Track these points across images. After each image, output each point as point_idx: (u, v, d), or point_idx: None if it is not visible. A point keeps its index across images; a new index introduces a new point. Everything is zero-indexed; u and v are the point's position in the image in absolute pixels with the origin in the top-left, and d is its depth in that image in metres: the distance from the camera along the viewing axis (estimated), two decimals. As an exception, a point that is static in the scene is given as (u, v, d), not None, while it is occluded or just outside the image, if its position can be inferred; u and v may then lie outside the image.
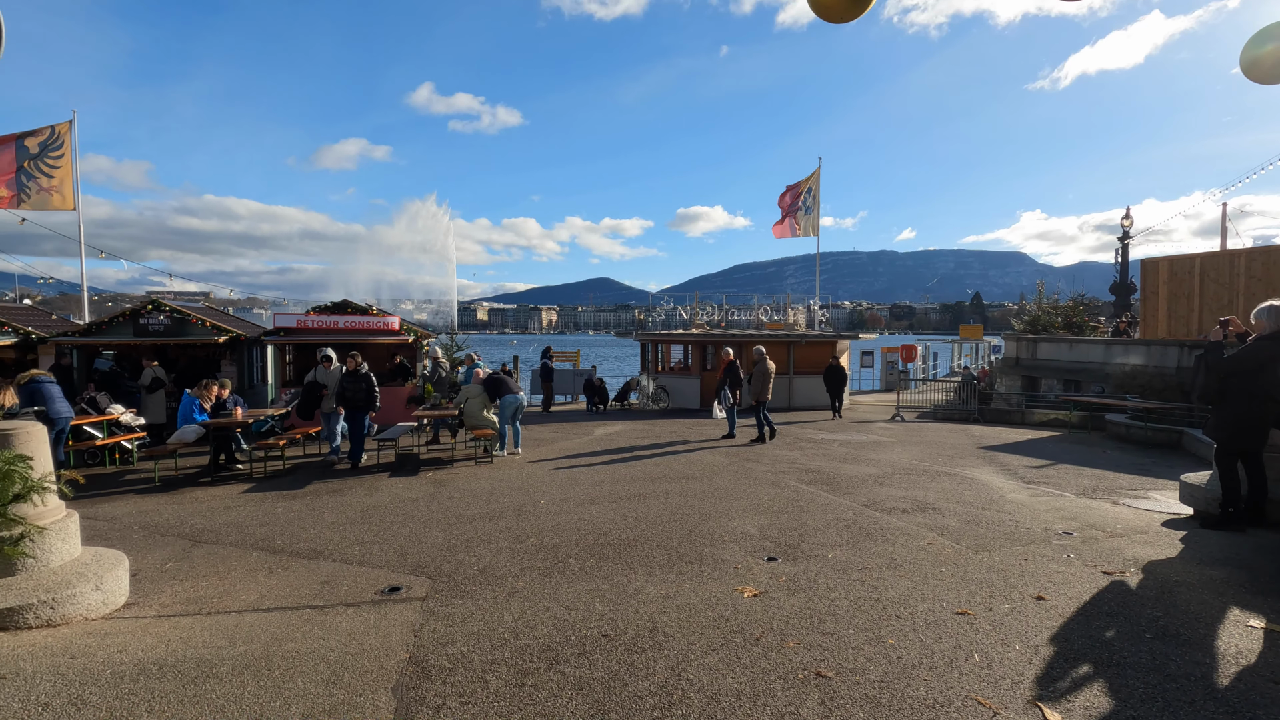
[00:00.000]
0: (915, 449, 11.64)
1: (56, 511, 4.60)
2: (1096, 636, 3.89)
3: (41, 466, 4.29)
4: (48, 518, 4.42)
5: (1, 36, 3.98)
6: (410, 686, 3.36)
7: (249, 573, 5.36)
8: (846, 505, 7.38)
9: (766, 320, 22.47)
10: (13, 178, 17.13)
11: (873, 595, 4.58)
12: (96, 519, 7.11)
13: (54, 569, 4.47)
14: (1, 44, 3.99)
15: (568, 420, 16.88)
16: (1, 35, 3.97)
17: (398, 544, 6.07)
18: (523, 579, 5.04)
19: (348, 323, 15.06)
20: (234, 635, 4.04)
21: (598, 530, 6.39)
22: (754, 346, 13.93)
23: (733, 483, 8.67)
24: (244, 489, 8.72)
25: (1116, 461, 10.48)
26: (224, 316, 17.57)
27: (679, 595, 4.62)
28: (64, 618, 4.18)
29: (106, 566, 4.62)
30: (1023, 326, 25.68)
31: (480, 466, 10.14)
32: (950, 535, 6.15)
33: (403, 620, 4.26)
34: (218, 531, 6.63)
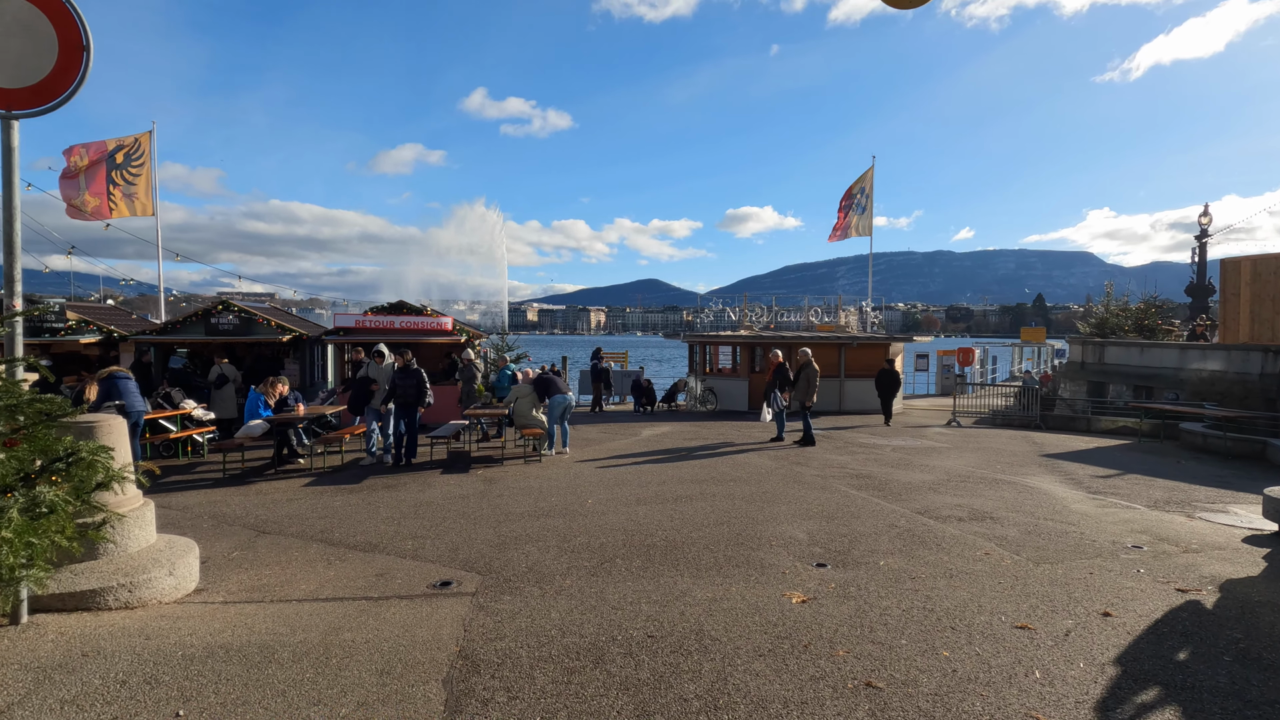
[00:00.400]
0: (972, 455, 11.27)
1: (134, 500, 4.88)
2: (1169, 657, 3.69)
3: (121, 457, 4.56)
4: (126, 505, 4.69)
5: (90, 53, 4.24)
6: (460, 679, 3.43)
7: (309, 563, 5.56)
8: (899, 512, 7.19)
9: (817, 322, 22.10)
10: (104, 188, 18.24)
11: (926, 605, 4.45)
12: (169, 508, 7.50)
13: (131, 554, 4.73)
14: (90, 61, 4.25)
15: (615, 421, 16.96)
16: (90, 52, 4.23)
17: (449, 539, 6.20)
18: (570, 578, 5.08)
19: (403, 323, 15.49)
20: (294, 623, 4.20)
21: (644, 531, 6.40)
22: (800, 348, 13.72)
23: (781, 486, 8.56)
24: (304, 483, 9.06)
25: (1192, 473, 9.92)
26: (288, 316, 18.31)
27: (726, 599, 4.59)
28: (140, 601, 4.42)
29: (179, 553, 4.87)
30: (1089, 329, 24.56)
31: (529, 465, 10.28)
32: (1009, 546, 5.93)
33: (453, 614, 4.35)
34: (280, 523, 6.90)
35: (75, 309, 15.11)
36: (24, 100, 4.17)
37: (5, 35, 4.08)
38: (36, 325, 13.03)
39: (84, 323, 14.28)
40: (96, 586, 4.28)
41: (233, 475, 9.57)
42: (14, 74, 4.15)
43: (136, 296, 34.51)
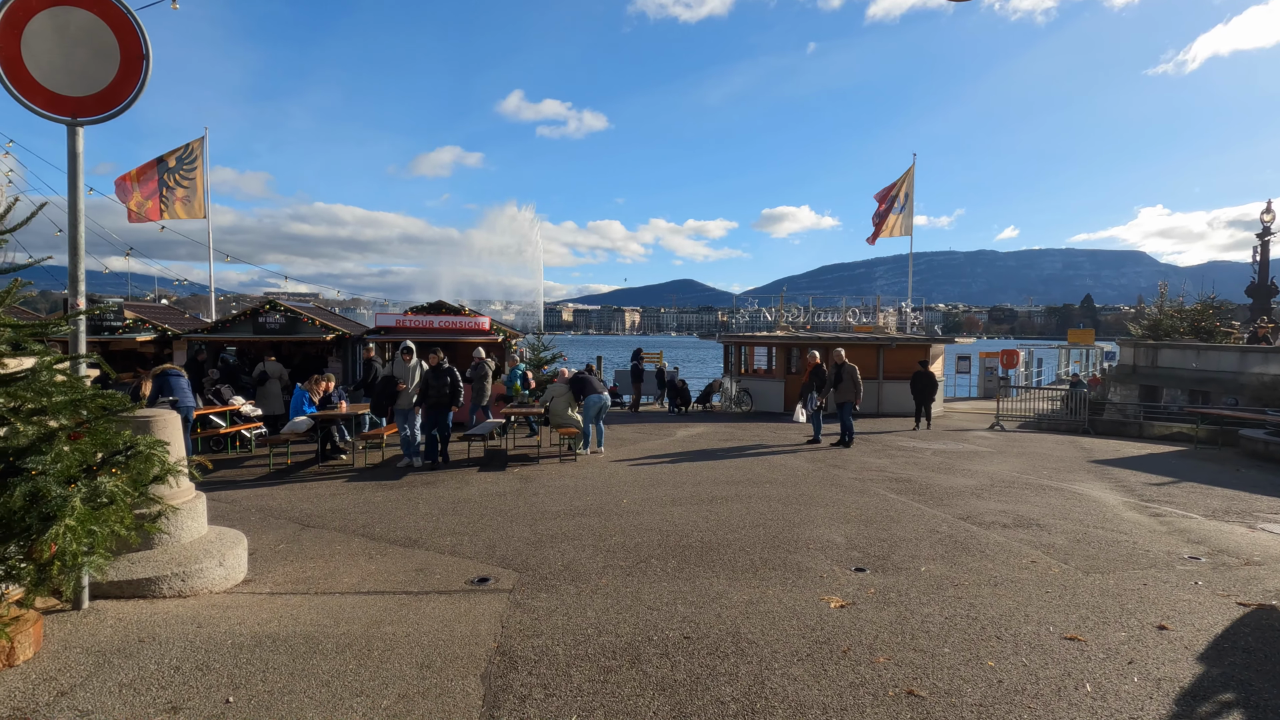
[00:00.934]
0: (1017, 460, 10.96)
1: (187, 493, 5.06)
2: (1230, 674, 3.53)
3: (176, 451, 4.73)
4: (180, 498, 4.86)
5: (149, 62, 4.40)
6: (498, 675, 3.47)
7: (351, 557, 5.69)
8: (940, 517, 7.03)
9: (855, 323, 21.76)
10: (156, 194, 18.98)
11: (970, 613, 4.34)
12: (219, 501, 7.74)
13: (184, 545, 4.91)
14: (149, 70, 4.42)
15: (650, 421, 16.96)
16: (149, 61, 4.40)
17: (486, 536, 6.28)
18: (605, 577, 5.10)
19: (442, 322, 15.74)
20: (338, 615, 4.30)
21: (679, 532, 6.38)
22: (835, 349, 13.53)
23: (818, 489, 8.44)
24: (346, 478, 9.28)
25: (1253, 481, 9.48)
26: (331, 316, 18.77)
27: (762, 602, 4.54)
28: (192, 590, 4.58)
29: (228, 545, 5.03)
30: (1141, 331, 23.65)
31: (564, 464, 10.34)
32: (1057, 554, 5.74)
33: (491, 610, 4.40)
34: (324, 517, 7.08)
35: (132, 308, 15.74)
36: (88, 108, 4.36)
37: (71, 46, 4.27)
38: (97, 324, 13.62)
39: (140, 321, 14.87)
40: (152, 575, 4.45)
41: (279, 470, 9.85)
42: (79, 83, 4.34)
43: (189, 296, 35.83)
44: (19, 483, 3.14)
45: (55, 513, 3.10)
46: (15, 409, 3.40)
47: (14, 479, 3.19)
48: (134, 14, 4.37)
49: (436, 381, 10.07)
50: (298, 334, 15.11)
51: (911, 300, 23.83)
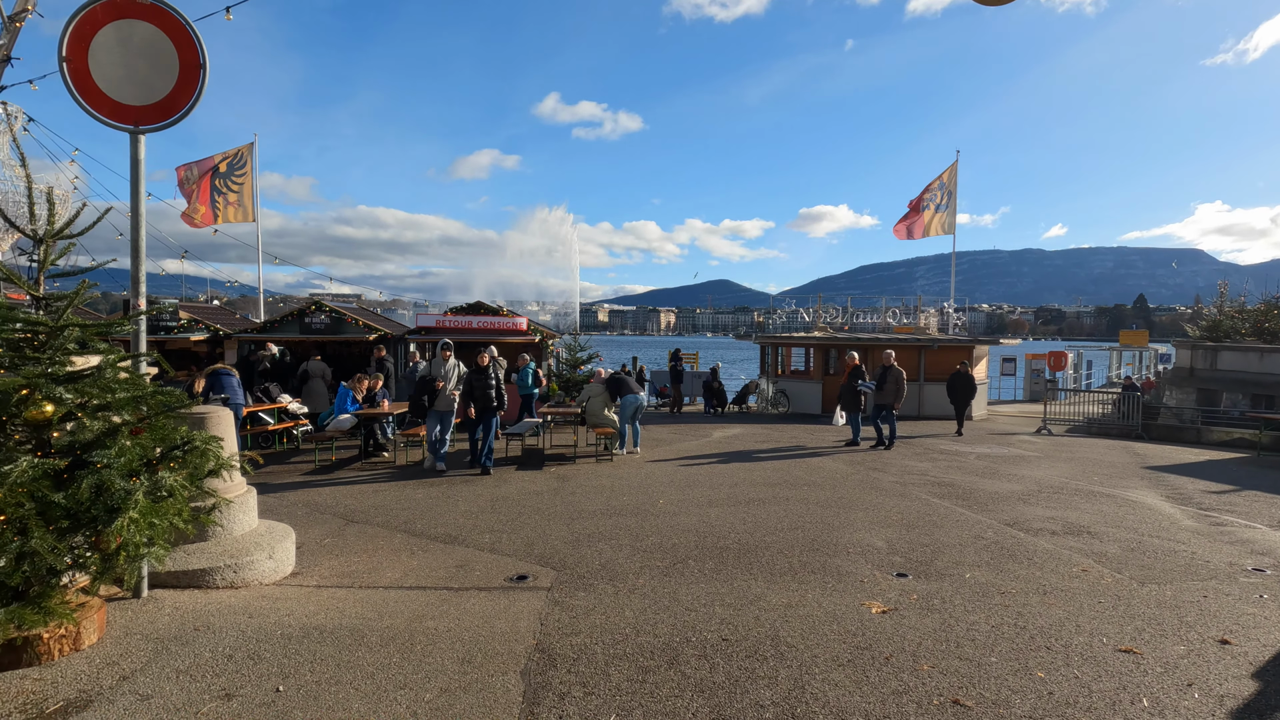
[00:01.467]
0: (1065, 466, 10.61)
1: (239, 487, 5.23)
2: (1299, 692, 3.35)
3: (229, 447, 4.90)
4: (233, 492, 5.03)
5: (206, 72, 4.57)
6: (537, 672, 3.50)
7: (394, 552, 5.80)
8: (985, 523, 6.85)
9: (895, 324, 21.36)
10: (209, 198, 19.68)
11: (1018, 622, 4.22)
12: (267, 496, 7.98)
13: (236, 537, 5.08)
14: (206, 79, 4.58)
15: (686, 422, 16.92)
16: (206, 71, 4.57)
17: (524, 534, 6.34)
18: (642, 577, 5.10)
19: (480, 323, 15.97)
20: (381, 609, 4.40)
21: (716, 533, 6.35)
22: (885, 350, 13.29)
23: (857, 492, 8.31)
24: (388, 475, 9.47)
25: (1322, 491, 9.01)
26: (374, 316, 19.20)
27: (801, 605, 4.49)
28: (243, 581, 4.74)
29: (277, 538, 5.18)
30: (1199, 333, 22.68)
31: (600, 464, 10.38)
32: (1110, 563, 5.55)
33: (530, 608, 4.45)
34: (367, 513, 7.24)
35: (186, 308, 16.36)
36: (149, 116, 4.54)
37: (134, 57, 4.46)
38: (154, 324, 14.19)
39: (194, 321, 15.45)
40: (206, 566, 4.61)
41: (324, 466, 10.11)
42: (140, 92, 4.52)
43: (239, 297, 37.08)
44: (86, 475, 3.29)
45: (119, 505, 3.24)
46: (82, 404, 3.56)
47: (81, 472, 3.34)
48: (192, 25, 4.54)
49: (480, 382, 9.75)
50: (342, 334, 15.51)
51: (954, 300, 23.28)
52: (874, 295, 25.05)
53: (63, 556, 3.24)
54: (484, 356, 9.82)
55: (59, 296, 3.85)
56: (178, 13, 4.50)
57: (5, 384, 3.29)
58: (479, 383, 9.73)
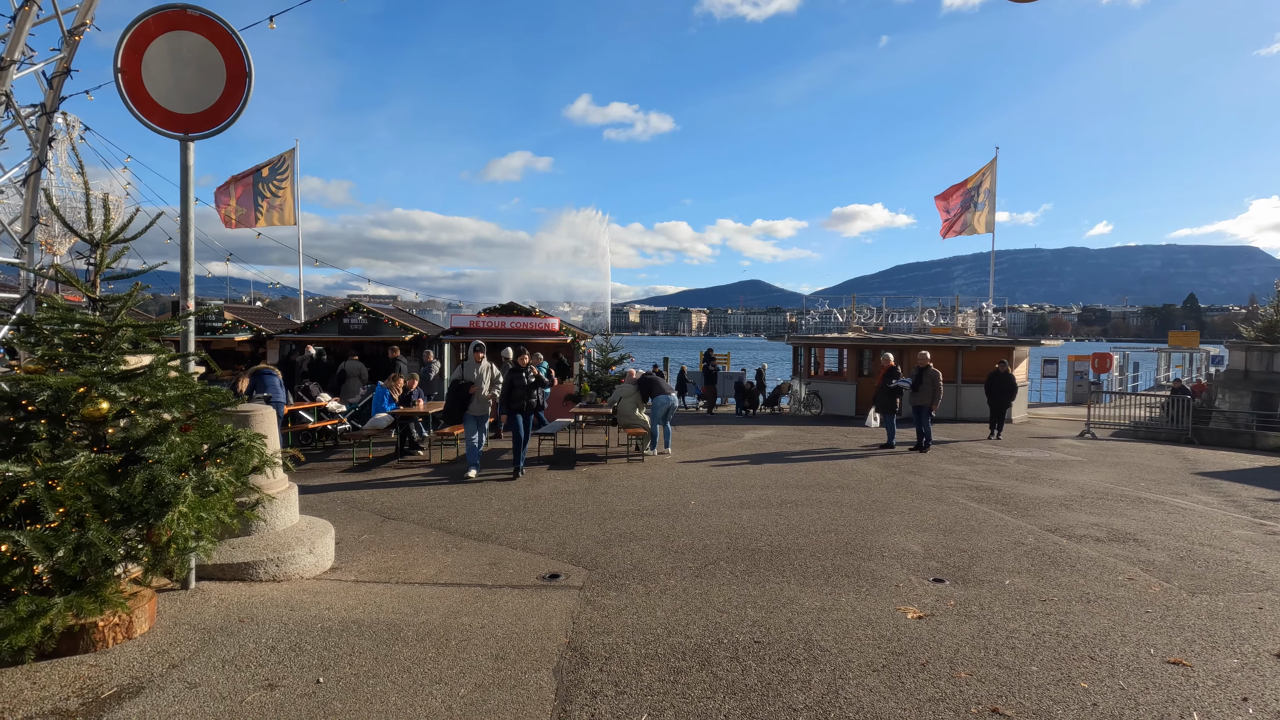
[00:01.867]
0: (1110, 470, 10.29)
1: (282, 483, 5.38)
2: (1363, 710, 3.20)
3: (272, 444, 5.05)
4: (275, 488, 5.18)
5: (251, 80, 4.71)
6: (569, 670, 3.53)
7: (429, 549, 5.90)
8: (1026, 528, 6.69)
9: (931, 324, 20.96)
10: (251, 202, 20.28)
11: (1060, 630, 4.11)
12: (307, 493, 8.18)
13: (278, 532, 5.22)
14: (251, 87, 4.73)
15: (717, 423, 16.86)
16: (251, 79, 4.71)
17: (556, 533, 6.39)
18: (674, 577, 5.10)
19: (513, 323, 16.15)
20: (417, 604, 4.48)
21: (748, 535, 6.31)
22: (920, 351, 13.06)
23: (892, 495, 8.18)
24: (424, 472, 9.63)
25: (1389, 500, 8.58)
26: (409, 317, 19.55)
27: (835, 609, 4.44)
28: (285, 575, 4.87)
29: (318, 534, 5.31)
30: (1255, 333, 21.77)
31: (632, 464, 10.41)
32: (1158, 571, 5.36)
33: (562, 606, 4.48)
34: (403, 510, 7.37)
35: (231, 310, 16.88)
36: (197, 124, 4.70)
37: (183, 67, 4.62)
38: (201, 324, 14.68)
39: (238, 322, 15.93)
40: (250, 560, 4.75)
41: (361, 464, 10.32)
42: (189, 101, 4.69)
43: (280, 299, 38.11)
44: (138, 470, 3.42)
45: (169, 499, 3.36)
46: (135, 402, 3.70)
47: (134, 467, 3.48)
48: (238, 35, 4.68)
49: (519, 382, 9.41)
50: (379, 334, 15.83)
51: (993, 300, 22.75)
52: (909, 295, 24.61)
53: (117, 548, 3.37)
54: (524, 356, 9.62)
55: (113, 298, 4.01)
56: (225, 23, 4.65)
57: (65, 382, 3.44)
58: (518, 383, 9.46)
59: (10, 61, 4.08)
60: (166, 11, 4.59)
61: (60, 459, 3.30)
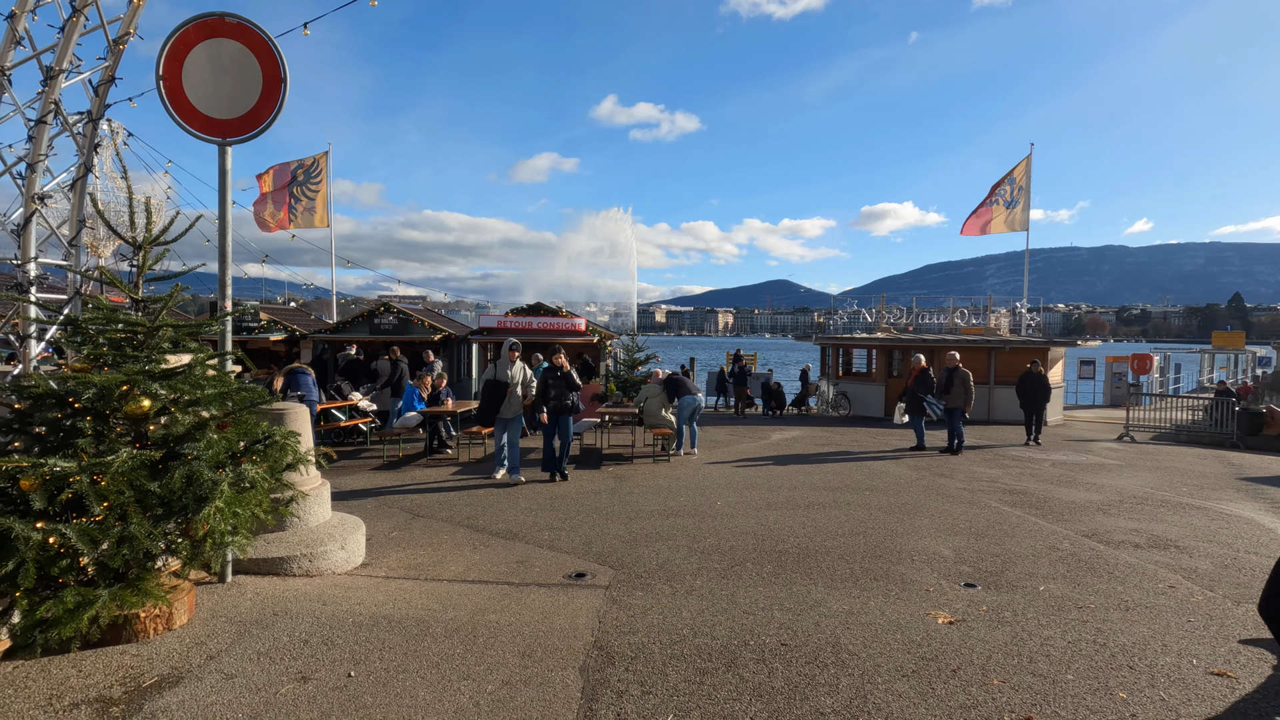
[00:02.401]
0: (1150, 475, 10.00)
1: (315, 480, 5.49)
2: None
3: (305, 442, 5.15)
4: (309, 485, 5.29)
5: (286, 85, 4.82)
6: (595, 669, 3.54)
7: (457, 546, 5.97)
8: (1061, 533, 6.53)
9: (963, 324, 20.59)
10: (287, 205, 20.72)
11: (1097, 639, 4.01)
12: (339, 489, 8.34)
13: (311, 528, 5.32)
14: (286, 92, 4.83)
15: (743, 423, 16.77)
16: (286, 84, 4.82)
17: (582, 533, 6.41)
18: (700, 578, 5.08)
19: (540, 323, 16.25)
20: (445, 601, 4.53)
21: (775, 537, 6.27)
22: (949, 352, 12.83)
23: (922, 498, 8.05)
24: (452, 471, 9.75)
25: None
26: (438, 317, 19.79)
27: (863, 613, 4.39)
28: (317, 570, 4.96)
29: (349, 530, 5.41)
30: (1304, 334, 20.96)
31: (658, 464, 10.40)
32: (1201, 579, 5.20)
33: (588, 605, 4.50)
34: (431, 507, 7.47)
35: (266, 310, 17.27)
36: (235, 129, 4.82)
37: (222, 73, 4.74)
38: (237, 324, 15.04)
39: (273, 322, 16.29)
40: (284, 555, 4.85)
41: (391, 462, 10.49)
42: (227, 106, 4.81)
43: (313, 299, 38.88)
44: (178, 466, 3.52)
45: (207, 494, 3.45)
46: (175, 400, 3.81)
47: (173, 463, 3.58)
48: (274, 42, 4.79)
49: (556, 383, 9.06)
50: (409, 334, 16.04)
51: (1027, 300, 22.27)
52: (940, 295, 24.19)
53: (157, 541, 3.47)
54: (559, 356, 9.27)
55: (155, 299, 4.13)
56: (262, 30, 4.76)
57: (109, 380, 3.55)
58: (554, 382, 9.10)
59: (59, 71, 4.23)
60: (206, 20, 4.72)
61: (104, 455, 3.42)
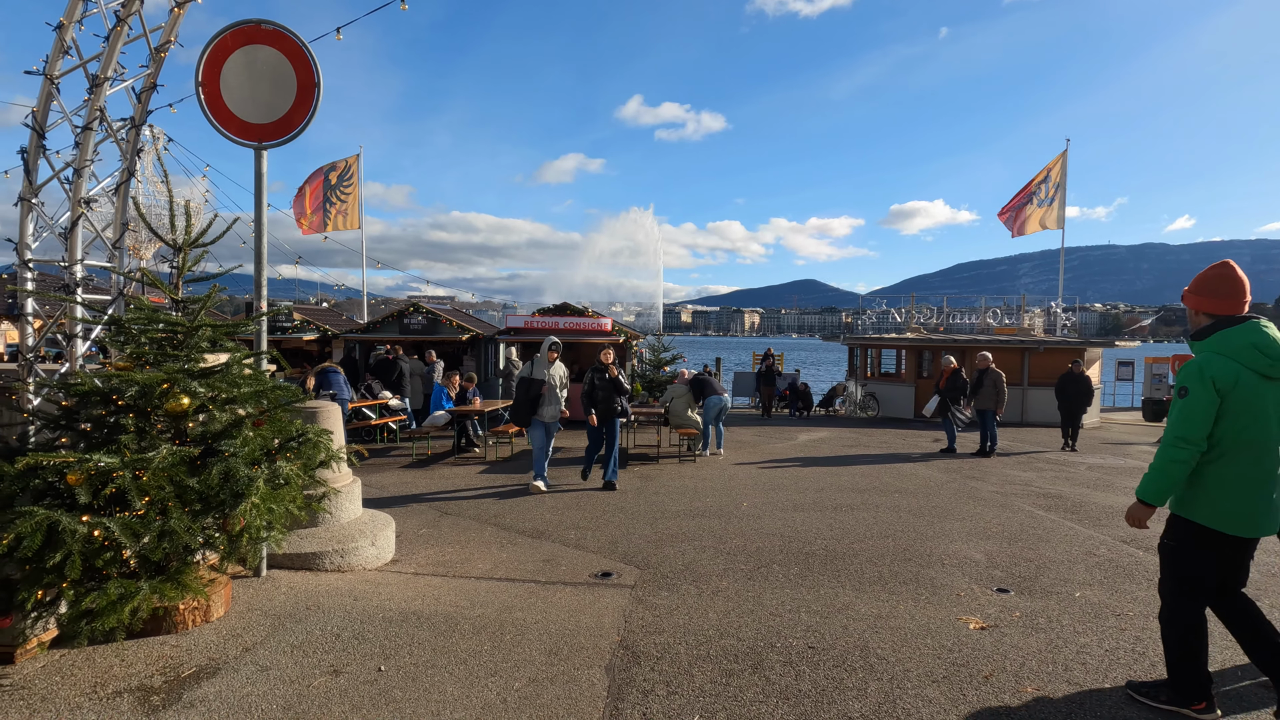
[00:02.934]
0: (1192, 480, 9.69)
1: (346, 477, 5.59)
2: None
3: (338, 440, 5.25)
4: (340, 482, 5.39)
5: (320, 90, 4.92)
6: (621, 668, 3.54)
7: (484, 544, 6.03)
8: (1098, 539, 6.37)
9: (995, 324, 20.19)
10: (321, 208, 21.15)
11: (1135, 648, 3.90)
12: (369, 486, 8.48)
13: (343, 525, 5.42)
14: (320, 97, 4.93)
15: (770, 424, 16.66)
16: (320, 89, 4.91)
17: (608, 532, 6.43)
18: (726, 579, 5.06)
19: (567, 323, 16.32)
20: (473, 598, 4.58)
21: (802, 538, 6.22)
22: (980, 353, 12.59)
23: (953, 501, 7.92)
24: (480, 469, 9.85)
25: None
26: (466, 317, 20.02)
27: (892, 616, 4.33)
28: (349, 565, 5.05)
29: (379, 527, 5.50)
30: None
31: (684, 465, 10.39)
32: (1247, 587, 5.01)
33: (614, 605, 4.51)
34: (459, 505, 7.55)
35: (299, 310, 17.63)
36: (270, 133, 4.93)
37: (258, 79, 4.85)
38: (272, 324, 15.39)
39: (306, 322, 16.63)
40: (316, 550, 4.95)
41: (420, 460, 10.63)
42: (263, 111, 4.92)
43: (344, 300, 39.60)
44: (215, 463, 3.61)
45: (244, 490, 3.54)
46: (213, 398, 3.90)
47: (211, 459, 3.67)
48: (309, 48, 4.89)
49: (602, 383, 8.46)
50: (437, 334, 16.25)
51: (1062, 299, 21.77)
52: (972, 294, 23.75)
53: (196, 536, 3.57)
54: (606, 354, 8.73)
55: (194, 300, 4.24)
56: (297, 37, 4.86)
57: (150, 379, 3.66)
58: (601, 384, 8.47)
59: (104, 79, 4.36)
60: (243, 27, 4.84)
61: (146, 451, 3.52)
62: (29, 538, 2.99)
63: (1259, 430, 2.93)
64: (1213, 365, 2.96)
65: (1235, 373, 2.93)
